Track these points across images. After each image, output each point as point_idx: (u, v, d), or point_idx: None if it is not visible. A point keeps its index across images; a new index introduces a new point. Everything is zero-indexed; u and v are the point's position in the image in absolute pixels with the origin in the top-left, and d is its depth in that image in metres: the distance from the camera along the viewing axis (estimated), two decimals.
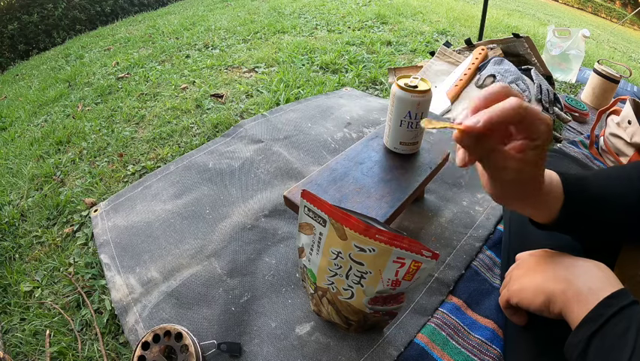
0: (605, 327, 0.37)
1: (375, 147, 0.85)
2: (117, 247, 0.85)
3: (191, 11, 3.44)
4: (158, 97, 1.57)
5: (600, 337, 0.37)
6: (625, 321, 0.37)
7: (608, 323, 0.37)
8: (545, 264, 0.50)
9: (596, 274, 0.43)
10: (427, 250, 0.48)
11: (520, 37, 1.42)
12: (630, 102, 1.06)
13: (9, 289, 0.82)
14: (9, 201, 1.08)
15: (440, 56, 1.53)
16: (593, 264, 0.45)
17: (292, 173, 1.03)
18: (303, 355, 0.64)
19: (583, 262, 0.46)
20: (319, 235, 0.53)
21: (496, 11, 3.54)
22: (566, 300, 0.42)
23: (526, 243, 0.62)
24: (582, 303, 0.40)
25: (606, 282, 0.42)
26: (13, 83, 2.52)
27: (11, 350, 0.70)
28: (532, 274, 0.50)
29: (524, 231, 0.63)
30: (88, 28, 4.36)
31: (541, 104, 1.23)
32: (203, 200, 0.96)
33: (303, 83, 1.57)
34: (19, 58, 3.90)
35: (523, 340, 0.58)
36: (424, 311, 0.71)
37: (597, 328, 0.37)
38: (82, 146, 1.29)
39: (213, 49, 2.11)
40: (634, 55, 3.74)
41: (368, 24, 2.41)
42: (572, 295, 0.42)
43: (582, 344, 0.38)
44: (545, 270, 0.48)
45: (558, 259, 0.49)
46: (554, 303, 0.44)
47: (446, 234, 0.86)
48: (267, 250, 0.83)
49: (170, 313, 0.71)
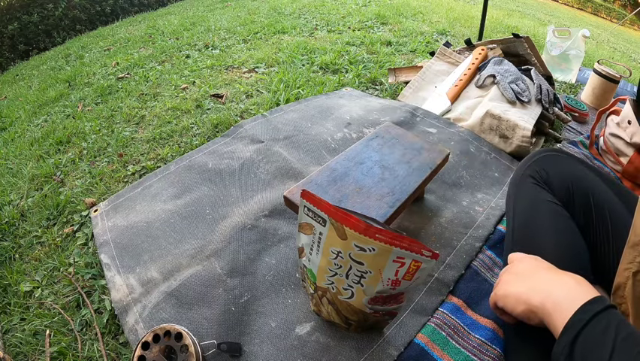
0: (585, 330, 0.39)
1: (375, 147, 0.85)
2: (117, 247, 0.85)
3: (191, 11, 3.44)
4: (158, 97, 1.57)
5: (582, 340, 0.39)
6: (604, 322, 0.39)
7: (587, 326, 0.39)
8: (530, 274, 0.51)
9: (573, 286, 0.45)
10: (427, 250, 0.48)
11: (520, 37, 1.42)
12: (630, 102, 1.06)
13: (9, 289, 0.82)
14: (9, 201, 1.08)
15: (440, 56, 1.53)
16: (572, 277, 0.47)
17: (292, 173, 1.03)
18: (303, 355, 0.64)
19: (563, 276, 0.48)
20: (319, 235, 0.53)
21: (496, 11, 3.54)
22: (545, 311, 0.45)
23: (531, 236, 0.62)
24: (561, 312, 0.43)
25: (583, 291, 0.44)
26: (13, 83, 2.52)
27: (11, 350, 0.70)
28: (516, 282, 0.51)
29: (530, 224, 0.63)
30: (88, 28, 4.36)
31: (541, 104, 1.23)
32: (203, 200, 0.96)
33: (303, 83, 1.57)
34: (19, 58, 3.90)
35: (523, 340, 0.58)
36: (424, 311, 0.71)
37: (578, 332, 0.40)
38: (82, 146, 1.29)
39: (213, 49, 2.11)
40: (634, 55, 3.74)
41: (368, 24, 2.41)
42: (551, 306, 0.44)
43: (566, 350, 0.40)
44: (528, 280, 0.50)
45: (541, 272, 0.51)
46: (534, 313, 0.47)
47: (446, 234, 0.86)
48: (267, 250, 0.83)
49: (170, 314, 0.71)
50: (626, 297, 0.52)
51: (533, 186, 0.66)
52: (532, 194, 0.66)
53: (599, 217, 0.62)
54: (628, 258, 0.53)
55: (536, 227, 0.62)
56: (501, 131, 1.14)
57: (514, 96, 1.20)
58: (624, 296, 0.53)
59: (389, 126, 0.93)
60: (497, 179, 1.05)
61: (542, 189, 0.66)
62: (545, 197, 0.64)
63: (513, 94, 1.21)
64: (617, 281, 0.54)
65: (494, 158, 1.12)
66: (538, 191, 0.66)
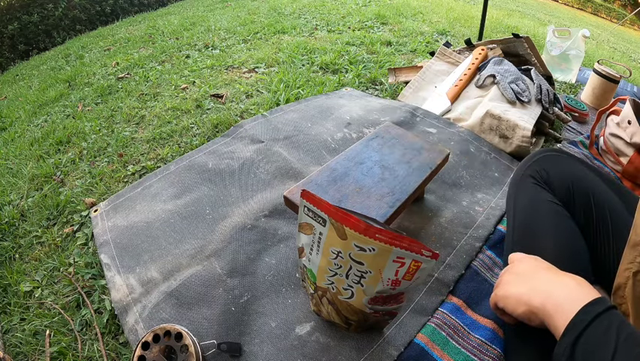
0: (586, 331, 0.39)
1: (375, 147, 0.85)
2: (117, 247, 0.85)
3: (191, 11, 3.44)
4: (158, 97, 1.57)
5: (584, 340, 0.39)
6: (605, 322, 0.39)
7: (589, 326, 0.39)
8: (531, 275, 0.51)
9: (574, 287, 0.45)
10: (427, 250, 0.48)
11: (520, 37, 1.42)
12: (630, 102, 1.06)
13: (9, 289, 0.82)
14: (9, 201, 1.08)
15: (440, 56, 1.53)
16: (572, 278, 0.47)
17: (292, 173, 1.03)
18: (303, 355, 0.64)
19: (564, 277, 0.48)
20: (319, 235, 0.53)
21: (496, 11, 3.54)
22: (545, 312, 0.45)
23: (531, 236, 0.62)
24: (563, 313, 0.42)
25: (584, 293, 0.44)
26: (13, 83, 2.52)
27: (11, 350, 0.70)
28: (517, 283, 0.51)
29: (530, 224, 0.63)
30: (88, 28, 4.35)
31: (541, 104, 1.23)
32: (203, 200, 0.96)
33: (303, 83, 1.57)
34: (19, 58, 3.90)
35: (523, 340, 0.58)
36: (424, 311, 0.71)
37: (579, 333, 0.39)
38: (82, 146, 1.29)
39: (213, 49, 2.11)
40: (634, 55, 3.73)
41: (368, 24, 2.41)
42: (552, 307, 0.44)
43: (568, 351, 0.40)
44: (529, 281, 0.50)
45: (542, 273, 0.51)
46: (535, 314, 0.47)
47: (446, 234, 0.86)
48: (267, 250, 0.83)
49: (170, 314, 0.71)
50: (626, 297, 0.52)
51: (533, 186, 0.66)
52: (532, 194, 0.66)
53: (599, 217, 0.63)
54: (628, 258, 0.53)
55: (536, 227, 0.62)
56: (501, 131, 1.14)
57: (514, 96, 1.20)
58: (624, 296, 0.53)
59: (389, 126, 0.93)
60: (497, 179, 1.05)
61: (542, 189, 0.66)
62: (545, 197, 0.64)
63: (513, 94, 1.21)
64: (617, 281, 0.54)
65: (494, 158, 1.12)
66: (538, 191, 0.66)
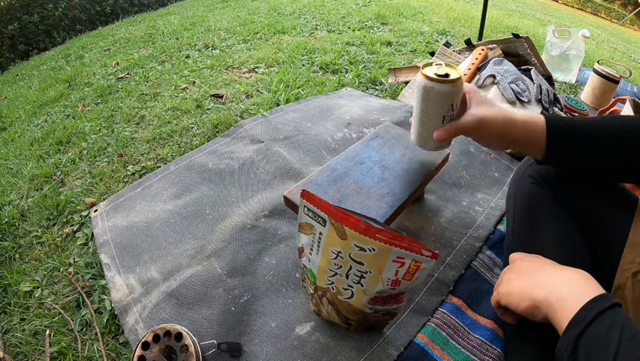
0: (590, 328, 0.39)
1: (375, 147, 0.85)
2: (117, 247, 0.85)
3: (191, 11, 3.44)
4: (158, 97, 1.57)
5: (587, 337, 0.39)
6: (608, 320, 0.39)
7: (592, 323, 0.39)
8: (533, 270, 0.51)
9: (579, 282, 0.45)
10: (427, 250, 0.48)
11: (519, 37, 1.42)
12: (630, 102, 1.06)
13: (9, 289, 0.82)
14: (9, 201, 1.08)
15: (440, 57, 1.53)
16: (577, 273, 0.47)
17: (292, 173, 1.03)
18: (303, 355, 0.64)
19: (569, 271, 0.48)
20: (319, 235, 0.53)
21: (496, 11, 3.54)
22: (549, 306, 0.45)
23: (531, 236, 0.63)
24: (566, 308, 0.42)
25: (588, 287, 0.44)
26: (13, 83, 2.52)
27: (11, 350, 0.70)
28: (520, 279, 0.51)
29: (530, 224, 0.63)
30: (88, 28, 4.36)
31: (541, 104, 1.23)
32: (203, 200, 0.96)
33: (303, 83, 1.57)
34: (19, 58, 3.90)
35: (523, 340, 0.58)
36: (424, 311, 0.71)
37: (583, 329, 0.39)
38: (82, 146, 1.29)
39: (213, 49, 2.11)
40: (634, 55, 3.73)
41: (368, 24, 2.41)
42: (555, 301, 0.44)
43: (571, 346, 0.40)
44: (532, 276, 0.50)
45: (545, 267, 0.51)
46: (538, 309, 0.46)
47: (446, 234, 0.86)
48: (267, 250, 0.83)
49: (170, 314, 0.71)
50: (625, 297, 0.52)
51: (533, 185, 0.66)
52: (532, 194, 0.66)
53: (599, 217, 0.62)
54: (628, 258, 0.53)
55: (536, 227, 0.62)
56: None
57: (514, 96, 1.20)
58: (624, 297, 0.53)
59: (389, 126, 0.93)
60: (497, 179, 1.05)
61: (542, 188, 0.66)
62: (545, 197, 0.64)
63: (513, 94, 1.21)
64: (616, 282, 0.54)
65: (494, 158, 1.12)
66: (538, 191, 0.66)
